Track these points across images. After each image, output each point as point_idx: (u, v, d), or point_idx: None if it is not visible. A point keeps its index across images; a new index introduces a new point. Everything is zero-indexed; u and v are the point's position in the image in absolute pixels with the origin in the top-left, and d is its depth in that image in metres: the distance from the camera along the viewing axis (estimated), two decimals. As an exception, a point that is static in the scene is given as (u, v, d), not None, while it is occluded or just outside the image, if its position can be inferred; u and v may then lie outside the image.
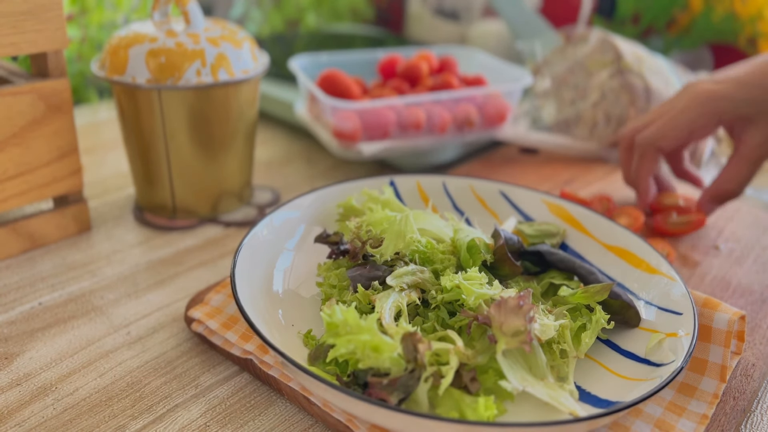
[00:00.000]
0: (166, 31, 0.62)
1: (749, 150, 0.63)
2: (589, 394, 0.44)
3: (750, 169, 0.63)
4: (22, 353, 0.50)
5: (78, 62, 0.97)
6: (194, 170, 0.65)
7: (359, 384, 0.41)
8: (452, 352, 0.42)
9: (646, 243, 0.53)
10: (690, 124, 0.64)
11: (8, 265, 0.60)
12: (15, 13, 0.54)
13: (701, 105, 0.63)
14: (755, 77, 0.63)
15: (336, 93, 0.76)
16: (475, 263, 0.49)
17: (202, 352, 0.51)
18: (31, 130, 0.58)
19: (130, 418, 0.44)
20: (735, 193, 0.65)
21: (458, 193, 0.62)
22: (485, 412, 0.39)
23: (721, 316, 0.48)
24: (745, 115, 0.62)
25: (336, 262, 0.52)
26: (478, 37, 1.18)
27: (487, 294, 0.44)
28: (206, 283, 0.59)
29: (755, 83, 0.62)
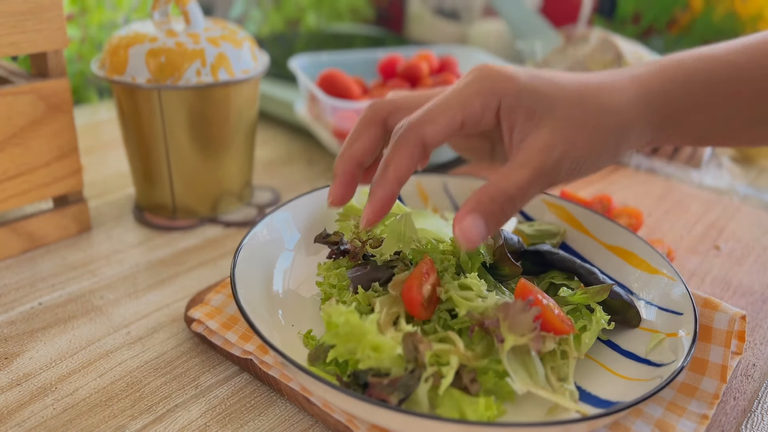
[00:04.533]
0: (166, 31, 0.62)
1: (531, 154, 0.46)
2: (590, 395, 0.44)
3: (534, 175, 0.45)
4: (22, 353, 0.50)
5: (78, 62, 0.97)
6: (194, 170, 0.65)
7: (359, 384, 0.41)
8: (452, 352, 0.42)
9: (646, 243, 0.53)
10: (464, 107, 0.46)
11: (8, 265, 0.60)
12: (15, 13, 0.54)
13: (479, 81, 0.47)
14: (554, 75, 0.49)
15: (336, 93, 0.76)
16: (475, 265, 0.49)
17: (202, 352, 0.51)
18: (31, 130, 0.58)
19: (130, 418, 0.44)
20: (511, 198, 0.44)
21: (458, 193, 0.62)
22: (486, 412, 0.39)
23: (722, 316, 0.48)
24: (531, 109, 0.46)
25: (336, 262, 0.52)
26: (478, 37, 1.18)
27: (480, 306, 0.44)
28: (206, 283, 0.59)
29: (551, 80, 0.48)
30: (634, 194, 0.76)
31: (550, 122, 0.46)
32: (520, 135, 0.47)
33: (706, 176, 0.81)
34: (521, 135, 0.47)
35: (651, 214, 0.72)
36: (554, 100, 0.47)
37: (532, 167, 0.45)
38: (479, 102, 0.46)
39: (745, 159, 0.88)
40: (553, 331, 0.43)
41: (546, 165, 0.45)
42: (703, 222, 0.71)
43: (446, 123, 0.46)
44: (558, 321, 0.43)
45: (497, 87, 0.46)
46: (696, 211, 0.73)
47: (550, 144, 0.46)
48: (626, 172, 0.82)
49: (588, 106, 0.47)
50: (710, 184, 0.80)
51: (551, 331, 0.43)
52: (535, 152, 0.45)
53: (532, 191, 0.45)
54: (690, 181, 0.81)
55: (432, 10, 1.28)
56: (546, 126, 0.46)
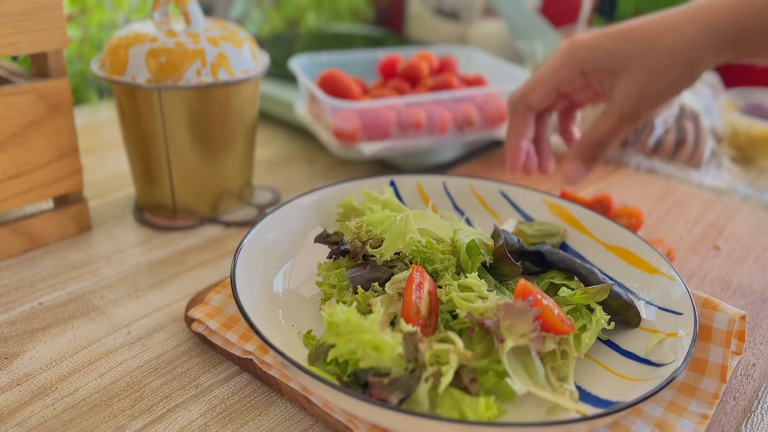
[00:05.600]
0: (166, 31, 0.62)
1: (615, 103, 0.58)
2: (590, 394, 0.44)
3: (618, 121, 0.58)
4: (22, 353, 0.50)
5: (78, 62, 0.97)
6: (194, 170, 0.65)
7: (359, 384, 0.41)
8: (452, 352, 0.42)
9: (646, 243, 0.53)
10: (554, 75, 0.60)
11: (8, 265, 0.60)
12: (15, 13, 0.54)
13: (563, 54, 0.59)
14: (625, 29, 0.58)
15: (336, 93, 0.76)
16: (475, 265, 0.49)
17: (202, 352, 0.51)
18: (31, 130, 0.58)
19: (130, 418, 0.44)
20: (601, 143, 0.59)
21: (458, 193, 0.62)
22: (486, 412, 0.39)
23: (722, 316, 0.48)
24: (609, 67, 0.58)
25: (336, 262, 0.52)
26: (478, 37, 1.18)
27: (481, 308, 0.44)
28: (206, 283, 0.59)
29: (623, 34, 0.58)
30: (634, 194, 0.76)
31: (627, 75, 0.57)
32: (608, 86, 0.58)
33: (706, 176, 0.81)
34: (609, 86, 0.58)
35: (651, 214, 0.72)
36: (628, 55, 0.57)
37: (616, 115, 0.58)
38: (565, 71, 0.59)
39: (745, 159, 0.88)
40: (553, 332, 0.43)
41: (626, 112, 0.57)
42: (703, 222, 0.71)
43: (543, 91, 0.60)
44: (558, 321, 0.43)
45: (578, 56, 0.59)
46: (696, 211, 0.73)
47: (628, 94, 0.57)
48: (626, 172, 0.82)
49: (658, 52, 0.56)
50: (710, 184, 0.80)
51: (551, 332, 0.43)
52: (617, 101, 0.57)
53: (618, 133, 0.58)
54: (690, 181, 0.81)
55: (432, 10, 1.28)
56: (624, 79, 0.57)
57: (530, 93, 0.61)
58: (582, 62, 0.58)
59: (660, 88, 0.57)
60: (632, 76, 0.57)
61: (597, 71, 0.58)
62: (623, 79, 0.57)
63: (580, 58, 0.58)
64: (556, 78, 0.59)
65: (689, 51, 0.55)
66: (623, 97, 0.57)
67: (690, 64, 0.56)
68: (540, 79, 0.60)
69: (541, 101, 0.61)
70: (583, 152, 0.60)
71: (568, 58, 0.59)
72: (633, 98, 0.57)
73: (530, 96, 0.61)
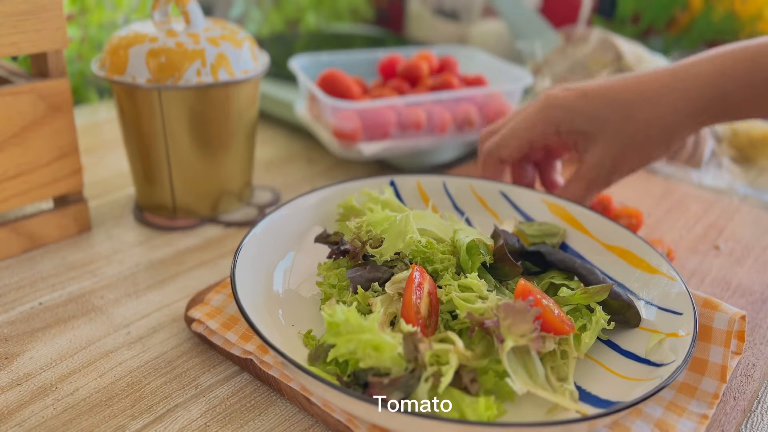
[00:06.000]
0: (166, 31, 0.62)
1: (586, 169, 0.58)
2: (590, 394, 0.44)
3: (587, 188, 0.58)
4: (22, 353, 0.50)
5: (78, 62, 0.97)
6: (194, 170, 0.65)
7: (359, 384, 0.41)
8: (452, 352, 0.42)
9: (646, 243, 0.53)
10: (528, 131, 0.59)
11: (8, 265, 0.60)
12: (15, 13, 0.54)
13: (540, 111, 0.59)
14: (604, 91, 0.58)
15: (336, 93, 0.76)
16: (475, 265, 0.49)
17: (202, 352, 0.51)
18: (31, 130, 0.58)
19: (130, 418, 0.44)
20: None
21: (458, 193, 0.62)
22: (485, 412, 0.39)
23: (722, 316, 0.48)
24: (584, 131, 0.57)
25: (336, 262, 0.52)
26: (478, 37, 1.18)
27: (481, 308, 0.44)
28: (206, 283, 0.59)
29: (602, 99, 0.57)
30: (634, 194, 0.76)
31: (602, 142, 0.57)
32: (582, 149, 0.59)
33: (706, 176, 0.81)
34: (582, 149, 0.59)
35: (651, 214, 0.72)
36: (605, 122, 0.57)
37: (587, 181, 0.58)
38: (540, 129, 0.59)
39: (745, 159, 0.88)
40: (553, 332, 0.43)
41: (598, 178, 0.58)
42: (703, 222, 0.71)
43: (516, 145, 0.60)
44: (558, 321, 0.43)
45: (554, 116, 0.58)
46: (696, 211, 0.73)
47: (601, 161, 0.57)
48: (626, 172, 0.81)
49: (635, 124, 0.56)
50: (710, 184, 0.80)
51: (551, 332, 0.43)
52: (588, 168, 0.58)
53: (588, 198, 0.59)
54: (690, 181, 0.81)
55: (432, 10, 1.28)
56: (598, 145, 0.57)
57: (503, 147, 0.60)
58: (558, 122, 0.58)
59: (634, 160, 0.57)
60: (607, 144, 0.57)
61: (572, 133, 0.58)
62: (597, 145, 0.57)
63: (556, 118, 0.58)
64: (530, 134, 0.59)
65: (667, 124, 0.56)
66: (595, 163, 0.57)
67: (667, 137, 0.56)
68: (513, 134, 0.60)
69: (514, 155, 0.61)
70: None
71: (544, 116, 0.59)
72: (605, 167, 0.57)
73: (503, 150, 0.60)
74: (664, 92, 0.56)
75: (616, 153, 0.57)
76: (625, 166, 0.58)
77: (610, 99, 0.57)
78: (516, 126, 0.60)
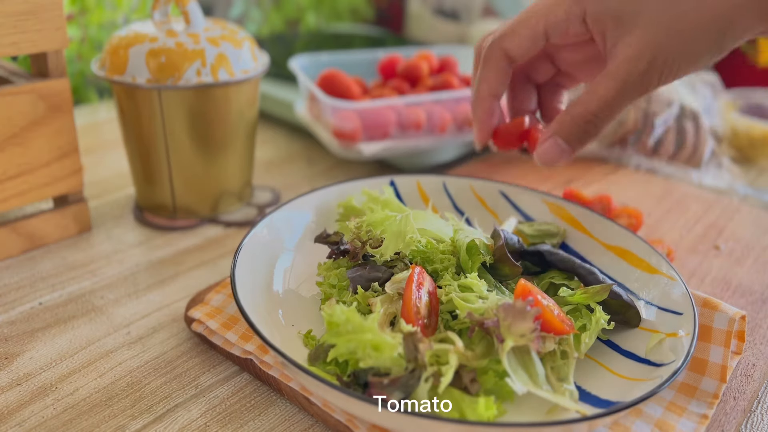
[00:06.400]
0: (166, 31, 0.62)
1: (619, 63, 0.44)
2: (590, 394, 0.44)
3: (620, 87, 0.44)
4: (22, 353, 0.50)
5: (78, 62, 0.97)
6: (194, 170, 0.65)
7: (359, 384, 0.41)
8: (452, 352, 0.42)
9: (646, 243, 0.53)
10: (546, 14, 0.45)
11: (8, 265, 0.60)
12: (15, 13, 0.54)
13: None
14: None
15: (336, 93, 0.76)
16: (475, 265, 0.49)
17: (202, 352, 0.51)
18: (31, 130, 0.58)
19: (130, 418, 0.44)
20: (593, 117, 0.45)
21: (458, 193, 0.62)
22: (485, 412, 0.39)
23: (722, 316, 0.48)
24: (618, 15, 0.44)
25: (336, 262, 0.52)
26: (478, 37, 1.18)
27: (481, 308, 0.44)
28: (206, 283, 0.59)
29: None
30: (634, 194, 0.76)
31: (639, 27, 0.43)
32: (612, 41, 0.44)
33: (706, 176, 0.81)
34: (612, 41, 0.44)
35: (651, 214, 0.72)
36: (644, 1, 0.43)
37: (619, 79, 0.44)
38: (562, 10, 0.45)
39: (745, 159, 0.88)
40: (553, 332, 0.43)
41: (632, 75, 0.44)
42: (703, 222, 0.71)
43: (527, 34, 0.45)
44: (558, 321, 0.43)
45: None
46: (696, 211, 0.73)
47: (638, 52, 0.43)
48: (626, 172, 0.82)
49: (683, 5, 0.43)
50: (710, 184, 0.80)
51: (551, 332, 0.43)
52: (621, 62, 0.44)
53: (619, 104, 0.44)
54: (690, 181, 0.81)
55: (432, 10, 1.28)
56: (635, 31, 0.43)
57: (510, 35, 0.46)
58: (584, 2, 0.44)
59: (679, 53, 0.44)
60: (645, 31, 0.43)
61: (602, 18, 0.44)
62: (634, 33, 0.44)
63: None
64: (548, 18, 0.45)
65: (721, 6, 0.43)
66: (631, 55, 0.44)
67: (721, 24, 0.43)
68: (526, 19, 0.46)
69: (523, 48, 0.46)
70: (569, 127, 0.46)
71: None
72: (643, 59, 0.43)
73: (510, 40, 0.46)
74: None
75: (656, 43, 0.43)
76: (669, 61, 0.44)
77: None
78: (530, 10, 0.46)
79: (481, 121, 0.49)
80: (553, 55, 0.49)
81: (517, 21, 0.46)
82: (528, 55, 0.47)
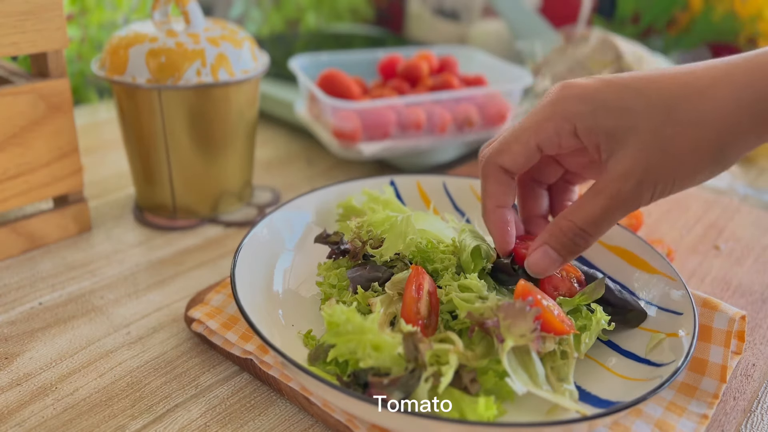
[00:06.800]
0: (166, 31, 0.62)
1: (606, 182, 0.42)
2: (590, 394, 0.44)
3: (603, 207, 0.42)
4: (22, 353, 0.50)
5: (78, 62, 0.97)
6: (194, 170, 0.65)
7: (359, 384, 0.41)
8: (452, 352, 0.42)
9: (646, 243, 0.53)
10: (536, 131, 0.44)
11: (8, 265, 0.60)
12: (15, 13, 0.54)
13: (553, 104, 0.44)
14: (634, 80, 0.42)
15: (336, 93, 0.76)
16: (477, 267, 0.49)
17: (202, 352, 0.51)
18: (31, 130, 0.58)
19: (130, 418, 0.44)
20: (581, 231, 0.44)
21: (458, 193, 0.62)
22: (486, 412, 0.39)
23: (722, 316, 0.48)
24: (609, 129, 0.42)
25: (336, 262, 0.52)
26: (478, 37, 1.18)
27: (481, 308, 0.44)
28: (206, 283, 0.59)
29: (632, 87, 0.42)
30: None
31: (633, 144, 0.41)
32: (606, 154, 0.43)
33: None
34: (607, 154, 0.43)
35: (651, 214, 0.72)
36: (636, 116, 0.41)
37: (607, 196, 0.42)
38: (552, 127, 0.44)
39: (745, 159, 0.88)
40: (553, 332, 0.43)
41: (621, 194, 0.42)
42: (703, 222, 0.71)
43: (520, 150, 0.45)
44: (558, 321, 0.43)
45: (570, 110, 0.43)
46: (696, 211, 0.73)
47: (628, 170, 0.41)
48: (626, 172, 0.81)
49: (678, 119, 0.41)
50: (710, 184, 0.80)
51: (551, 332, 0.43)
52: (610, 179, 0.42)
53: (607, 222, 0.43)
54: (690, 181, 0.80)
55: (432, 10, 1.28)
56: (628, 147, 0.42)
57: (504, 152, 0.46)
58: (574, 118, 0.43)
59: (674, 172, 0.41)
60: (637, 149, 0.41)
61: (593, 132, 0.43)
62: (625, 149, 0.42)
63: (573, 112, 0.43)
64: (539, 135, 0.44)
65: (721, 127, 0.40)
66: (621, 173, 0.42)
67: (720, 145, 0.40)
68: (518, 135, 0.45)
69: (519, 163, 0.46)
70: (559, 238, 0.45)
71: (558, 109, 0.44)
72: (633, 178, 0.41)
73: (504, 156, 0.46)
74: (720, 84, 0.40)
75: (649, 159, 0.41)
76: (659, 182, 0.41)
77: (646, 89, 0.42)
78: (521, 125, 0.46)
79: (497, 233, 0.48)
80: (557, 159, 0.49)
81: (510, 136, 0.46)
82: (525, 168, 0.46)
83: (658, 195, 0.42)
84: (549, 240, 0.45)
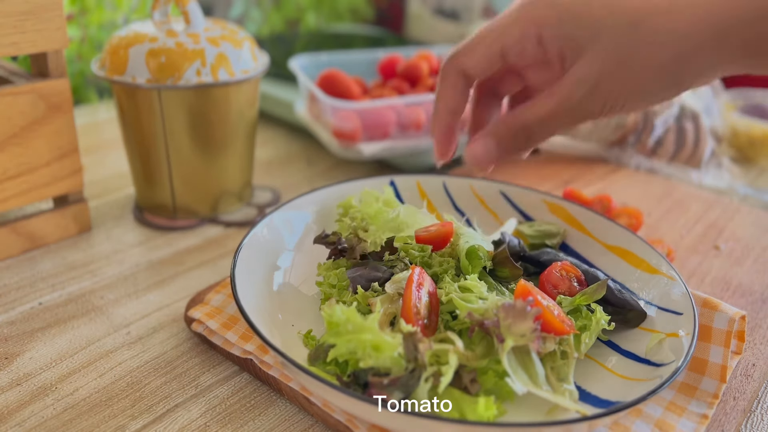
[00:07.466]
0: (166, 31, 0.62)
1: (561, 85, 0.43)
2: (590, 394, 0.44)
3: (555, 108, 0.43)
4: (22, 353, 0.50)
5: (78, 62, 0.97)
6: (194, 170, 0.65)
7: (359, 384, 0.41)
8: (452, 352, 0.42)
9: (646, 243, 0.53)
10: (500, 35, 0.44)
11: (8, 265, 0.60)
12: (15, 13, 0.54)
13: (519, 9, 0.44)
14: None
15: (336, 93, 0.76)
16: (476, 269, 0.49)
17: (202, 352, 0.51)
18: (31, 130, 0.58)
19: (130, 418, 0.44)
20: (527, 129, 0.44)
21: (458, 193, 0.62)
22: (485, 412, 0.39)
23: (722, 316, 0.48)
24: (573, 37, 0.42)
25: (336, 262, 0.52)
26: (478, 37, 1.18)
27: (481, 308, 0.44)
28: (206, 283, 0.59)
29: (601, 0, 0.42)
30: (634, 194, 0.76)
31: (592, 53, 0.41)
32: (569, 63, 0.43)
33: (706, 176, 0.81)
34: (570, 64, 0.43)
35: (651, 214, 0.72)
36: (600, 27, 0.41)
37: (557, 99, 0.42)
38: (517, 30, 0.43)
39: (745, 159, 0.88)
40: (553, 332, 0.43)
41: (571, 98, 0.42)
42: (703, 222, 0.71)
43: (483, 52, 0.44)
44: (558, 321, 0.43)
45: (536, 14, 0.43)
46: (696, 211, 0.73)
47: (584, 75, 0.42)
48: (626, 172, 0.82)
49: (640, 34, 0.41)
50: (710, 184, 0.80)
51: (551, 332, 0.43)
52: (566, 83, 0.42)
53: (553, 124, 0.43)
54: (690, 181, 0.81)
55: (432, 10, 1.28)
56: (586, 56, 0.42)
57: (467, 53, 0.45)
58: (541, 23, 0.43)
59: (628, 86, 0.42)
60: (596, 57, 0.41)
61: (557, 40, 0.43)
62: (584, 57, 0.42)
63: (539, 17, 0.43)
64: (503, 39, 0.44)
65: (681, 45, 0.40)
66: (575, 78, 0.42)
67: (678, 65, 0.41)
68: (483, 37, 0.45)
69: (480, 67, 0.45)
70: (502, 133, 0.45)
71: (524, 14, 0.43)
72: (585, 84, 0.42)
73: (466, 58, 0.45)
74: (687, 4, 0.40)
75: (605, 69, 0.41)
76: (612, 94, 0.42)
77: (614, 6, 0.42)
78: (487, 27, 0.45)
79: (439, 138, 0.48)
80: (519, 72, 0.48)
81: (475, 38, 0.45)
82: (486, 74, 0.46)
83: (609, 108, 0.42)
84: (491, 132, 0.45)
